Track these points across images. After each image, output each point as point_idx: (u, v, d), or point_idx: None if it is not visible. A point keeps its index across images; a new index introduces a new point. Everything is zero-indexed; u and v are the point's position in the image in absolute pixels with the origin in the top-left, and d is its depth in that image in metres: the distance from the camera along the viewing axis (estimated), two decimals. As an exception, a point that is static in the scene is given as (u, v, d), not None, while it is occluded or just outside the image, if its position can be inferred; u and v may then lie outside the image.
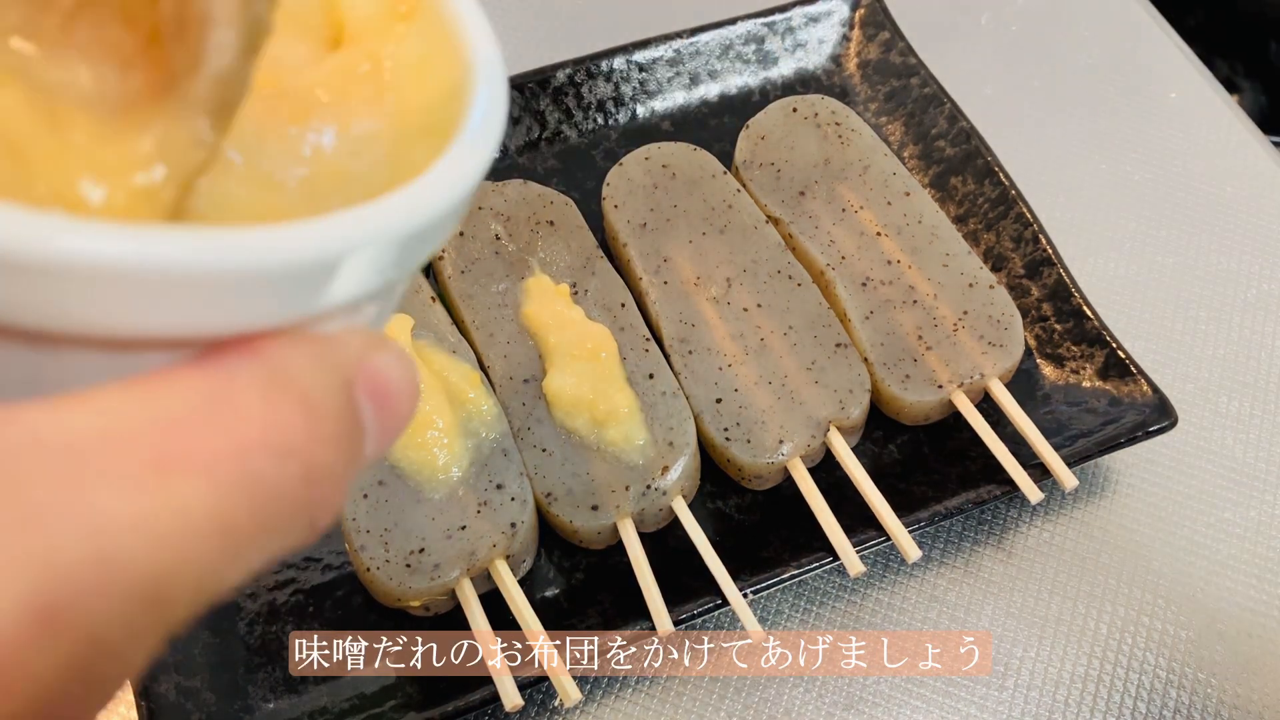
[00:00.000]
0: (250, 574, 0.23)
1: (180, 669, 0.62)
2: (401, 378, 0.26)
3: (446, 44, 0.29)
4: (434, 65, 0.29)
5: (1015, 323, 0.73)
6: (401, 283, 0.28)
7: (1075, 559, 0.72)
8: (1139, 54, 1.00)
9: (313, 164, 0.26)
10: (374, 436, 0.26)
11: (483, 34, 0.29)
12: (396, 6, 0.30)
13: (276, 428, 0.22)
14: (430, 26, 0.29)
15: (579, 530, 0.66)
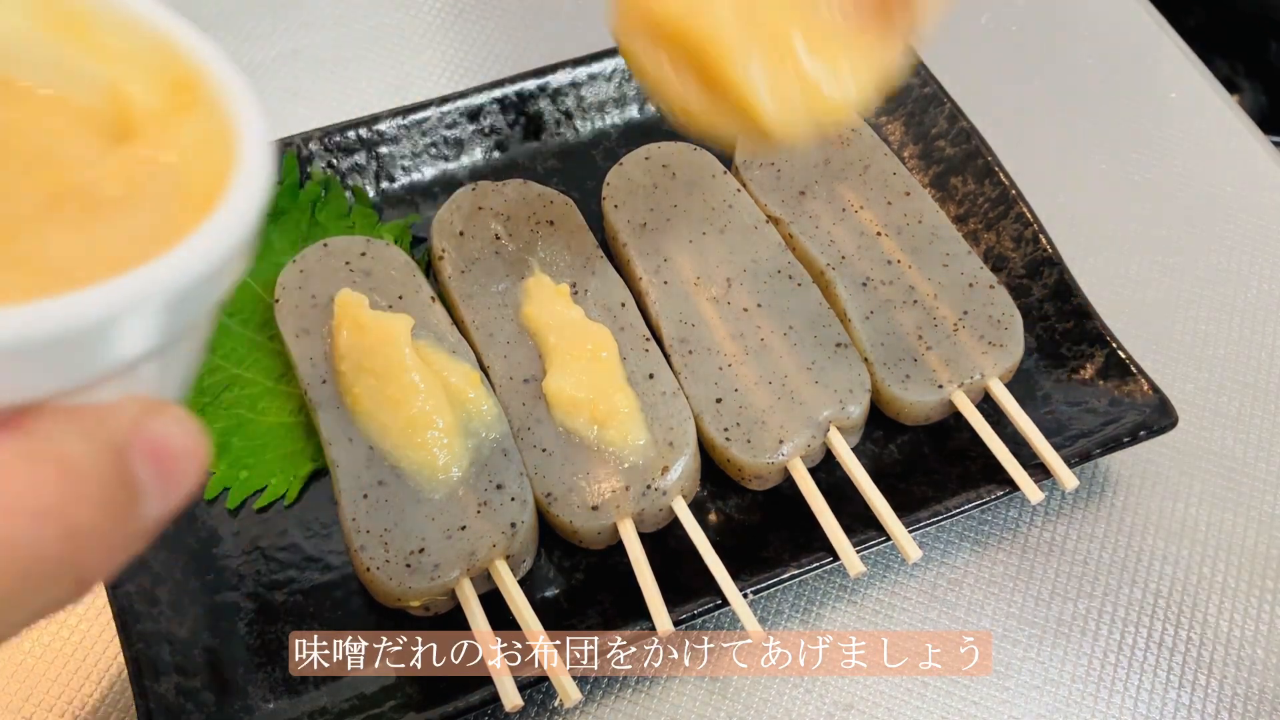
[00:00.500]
0: (14, 629, 0.25)
1: (180, 669, 0.62)
2: (183, 441, 0.28)
3: (222, 131, 0.33)
4: (212, 151, 0.33)
5: (1015, 323, 0.73)
6: (179, 343, 0.30)
7: (1075, 559, 0.72)
8: (1139, 54, 1.00)
9: (94, 249, 0.28)
10: (156, 497, 0.27)
11: (253, 117, 0.34)
12: (178, 98, 0.33)
13: (33, 491, 0.24)
14: (208, 116, 0.34)
15: (579, 530, 0.66)
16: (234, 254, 0.30)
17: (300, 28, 1.00)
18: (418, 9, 1.02)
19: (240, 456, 0.71)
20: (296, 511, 0.70)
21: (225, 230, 0.29)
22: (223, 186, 0.31)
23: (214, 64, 0.35)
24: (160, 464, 0.27)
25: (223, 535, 0.69)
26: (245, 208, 0.30)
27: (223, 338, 0.75)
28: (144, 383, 0.29)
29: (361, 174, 0.83)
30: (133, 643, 0.62)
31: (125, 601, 0.63)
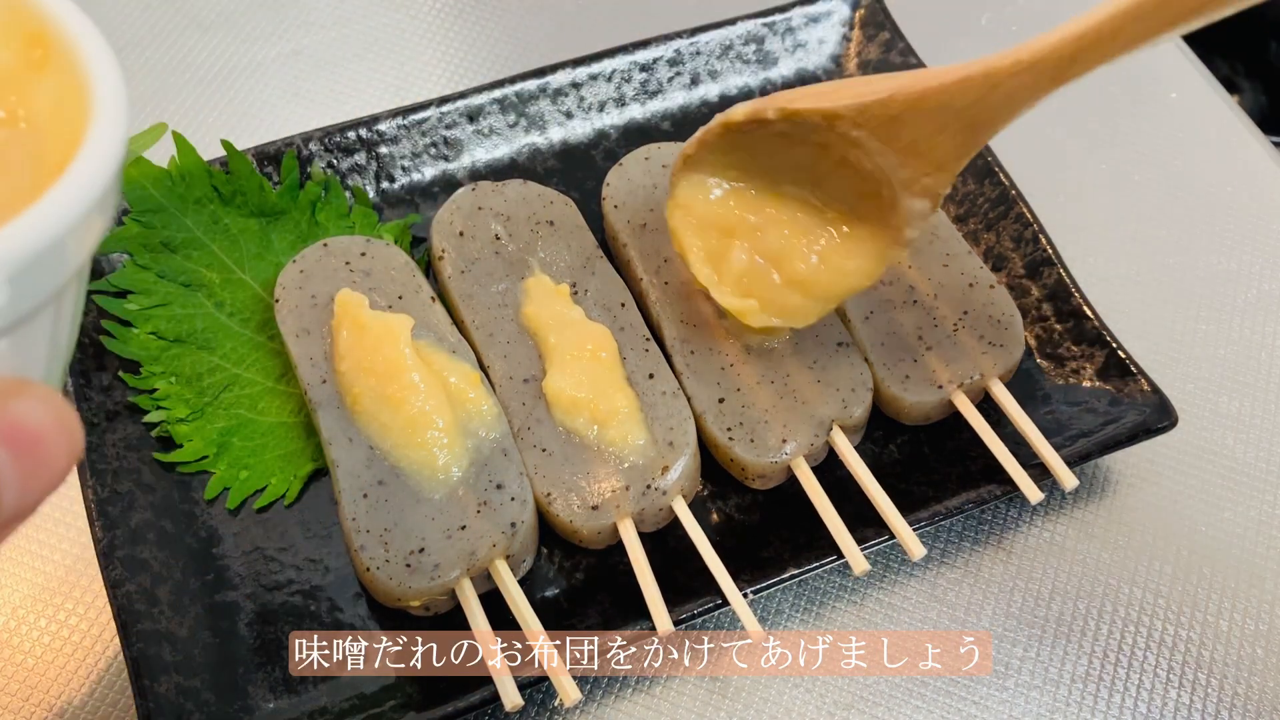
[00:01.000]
0: None
1: (180, 669, 0.62)
2: (46, 422, 0.26)
3: (77, 88, 0.31)
4: (67, 111, 0.31)
5: (1015, 322, 0.73)
6: (36, 317, 0.28)
7: (1075, 559, 0.72)
8: (1139, 54, 0.99)
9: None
10: (15, 484, 0.26)
11: (108, 70, 0.31)
12: (31, 54, 0.32)
13: None
14: (62, 72, 0.32)
15: (579, 530, 0.66)
16: (80, 221, 0.28)
17: (300, 28, 1.00)
18: (418, 9, 1.02)
19: (240, 456, 0.71)
20: (296, 511, 0.70)
21: (68, 197, 0.27)
22: (76, 148, 0.29)
23: (66, 16, 0.33)
24: (18, 447, 0.25)
25: (223, 535, 0.69)
26: (92, 171, 0.28)
27: (222, 338, 0.75)
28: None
29: (361, 174, 0.83)
30: (133, 643, 0.62)
31: (125, 601, 0.63)
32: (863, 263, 0.64)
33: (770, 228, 0.66)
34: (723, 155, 0.65)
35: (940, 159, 0.58)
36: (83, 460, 0.67)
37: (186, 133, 0.79)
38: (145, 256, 0.76)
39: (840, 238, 0.64)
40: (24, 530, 0.72)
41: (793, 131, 0.62)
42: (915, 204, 0.60)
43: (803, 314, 0.67)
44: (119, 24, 1.00)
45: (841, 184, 0.63)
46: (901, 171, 0.59)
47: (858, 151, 0.60)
